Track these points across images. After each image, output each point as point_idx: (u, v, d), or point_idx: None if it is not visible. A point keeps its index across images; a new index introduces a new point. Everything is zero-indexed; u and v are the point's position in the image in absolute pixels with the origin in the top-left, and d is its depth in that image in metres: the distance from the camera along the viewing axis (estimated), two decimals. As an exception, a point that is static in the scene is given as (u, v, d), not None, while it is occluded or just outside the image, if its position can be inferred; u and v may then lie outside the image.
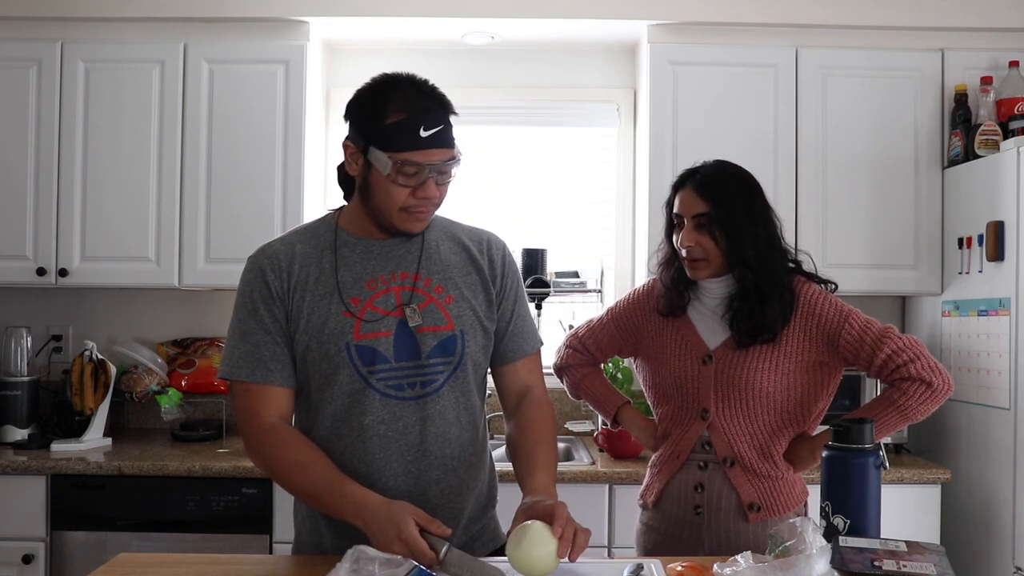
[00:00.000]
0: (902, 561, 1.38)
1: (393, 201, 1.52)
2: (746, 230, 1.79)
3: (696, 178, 1.83)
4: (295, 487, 1.56)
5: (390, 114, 1.49)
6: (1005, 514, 2.55)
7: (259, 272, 1.59)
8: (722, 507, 1.81)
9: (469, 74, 3.30)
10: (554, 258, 3.25)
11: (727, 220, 1.78)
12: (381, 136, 1.49)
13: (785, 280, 1.81)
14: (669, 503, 1.87)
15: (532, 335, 1.75)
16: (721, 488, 1.82)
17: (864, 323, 1.77)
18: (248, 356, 1.56)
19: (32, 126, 2.92)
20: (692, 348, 1.85)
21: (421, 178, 1.50)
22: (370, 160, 1.50)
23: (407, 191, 1.51)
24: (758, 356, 1.79)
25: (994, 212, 2.62)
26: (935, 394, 1.73)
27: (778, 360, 1.79)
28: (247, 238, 2.86)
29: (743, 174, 1.85)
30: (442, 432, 1.58)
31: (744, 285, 1.79)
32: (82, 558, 2.59)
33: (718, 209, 1.78)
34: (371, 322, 1.55)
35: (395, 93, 1.51)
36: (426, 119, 1.49)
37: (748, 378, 1.79)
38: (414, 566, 1.34)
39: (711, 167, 1.86)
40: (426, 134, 1.48)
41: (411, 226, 1.57)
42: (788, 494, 1.83)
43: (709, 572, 1.40)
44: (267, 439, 1.55)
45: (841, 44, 2.95)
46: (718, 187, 1.81)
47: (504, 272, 1.69)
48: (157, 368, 3.08)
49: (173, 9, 2.92)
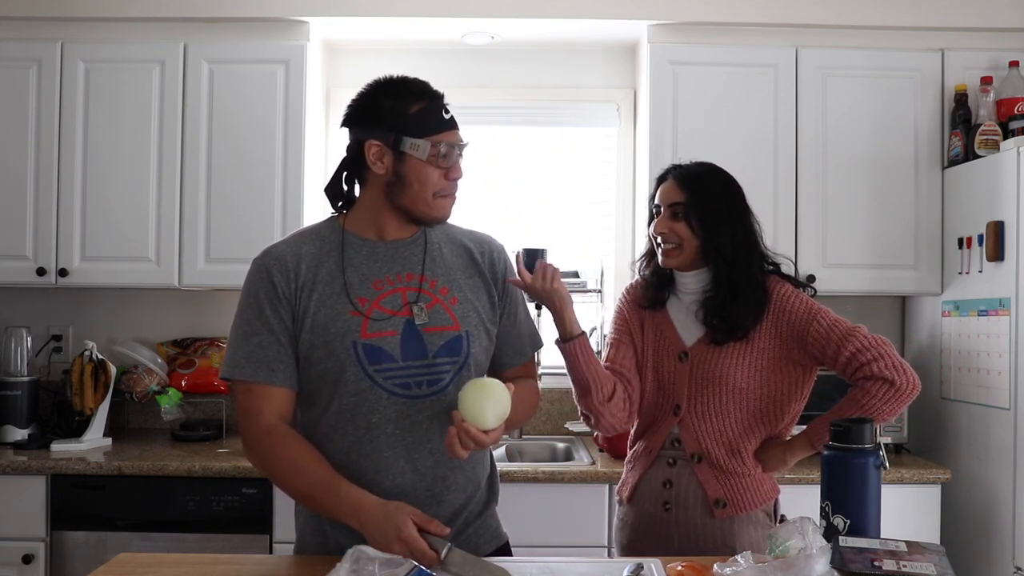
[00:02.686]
0: (902, 561, 1.38)
1: (428, 186, 1.57)
2: (722, 220, 1.82)
3: (678, 171, 1.89)
4: (292, 488, 1.56)
5: (413, 104, 1.56)
6: (1005, 514, 2.55)
7: (265, 273, 1.59)
8: (689, 503, 1.84)
9: (469, 74, 3.30)
10: (554, 258, 3.23)
11: (703, 208, 1.82)
12: (412, 124, 1.55)
13: (760, 279, 1.83)
14: (642, 499, 1.90)
15: (532, 338, 1.78)
16: (688, 484, 1.84)
17: (832, 321, 1.78)
18: (251, 356, 1.57)
19: (32, 126, 2.92)
20: (669, 344, 1.89)
21: (452, 158, 1.58)
22: (404, 150, 1.55)
23: (440, 173, 1.57)
24: (732, 353, 1.82)
25: (994, 212, 2.62)
26: (899, 393, 1.72)
27: (752, 357, 1.82)
28: (247, 238, 2.87)
29: (725, 174, 1.90)
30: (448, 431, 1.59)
31: (718, 277, 1.82)
32: (82, 558, 2.59)
33: (694, 197, 1.83)
34: (378, 321, 1.56)
35: (406, 86, 1.59)
36: (441, 103, 1.59)
37: (721, 375, 1.82)
38: (414, 566, 1.34)
39: (694, 163, 1.91)
40: (447, 117, 1.59)
41: (443, 211, 1.62)
42: (755, 491, 1.84)
43: (709, 572, 1.41)
44: (267, 439, 1.56)
45: (841, 44, 2.95)
46: (697, 179, 1.86)
47: (503, 275, 1.72)
48: (157, 368, 3.08)
49: (173, 9, 2.92)
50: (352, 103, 1.61)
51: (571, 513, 2.61)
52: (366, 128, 1.58)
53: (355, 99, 1.61)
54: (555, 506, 2.60)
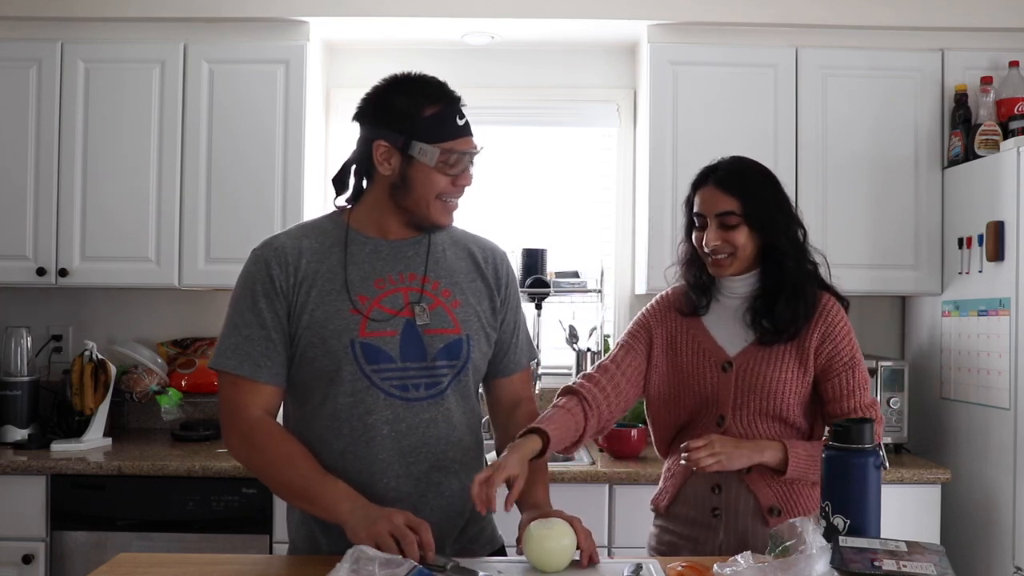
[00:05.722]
0: (902, 561, 1.38)
1: (433, 190, 1.55)
2: (778, 220, 1.77)
3: (717, 174, 1.78)
4: (276, 482, 1.56)
5: (426, 107, 1.53)
6: (1005, 514, 2.55)
7: (264, 265, 1.58)
8: (740, 509, 1.78)
9: (469, 74, 3.30)
10: (554, 258, 3.24)
11: (759, 214, 1.75)
12: (423, 128, 1.52)
13: (813, 275, 1.80)
14: (684, 506, 1.83)
15: (529, 348, 1.78)
16: (739, 491, 1.77)
17: (862, 380, 1.76)
18: (238, 348, 1.55)
19: (32, 126, 2.92)
20: (709, 355, 1.81)
21: (462, 166, 1.55)
22: (412, 154, 1.53)
23: (447, 180, 1.55)
24: (779, 357, 1.76)
25: (994, 212, 2.62)
26: None
27: (799, 361, 1.77)
28: (247, 238, 2.82)
29: (764, 168, 1.83)
30: (446, 435, 1.59)
31: (781, 276, 1.76)
32: (82, 558, 2.59)
33: (747, 203, 1.74)
34: (378, 321, 1.55)
35: (422, 87, 1.56)
36: (457, 109, 1.56)
37: (767, 381, 1.75)
38: (414, 566, 1.34)
39: (730, 162, 1.81)
40: (461, 123, 1.56)
41: (445, 218, 1.60)
42: (808, 497, 1.79)
43: (709, 572, 1.41)
44: (251, 433, 1.55)
45: (841, 44, 2.95)
46: (743, 181, 1.77)
47: (508, 283, 1.71)
48: (157, 368, 3.08)
49: (173, 9, 2.92)
50: (365, 98, 1.59)
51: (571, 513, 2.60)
52: (376, 126, 1.56)
53: (368, 94, 1.59)
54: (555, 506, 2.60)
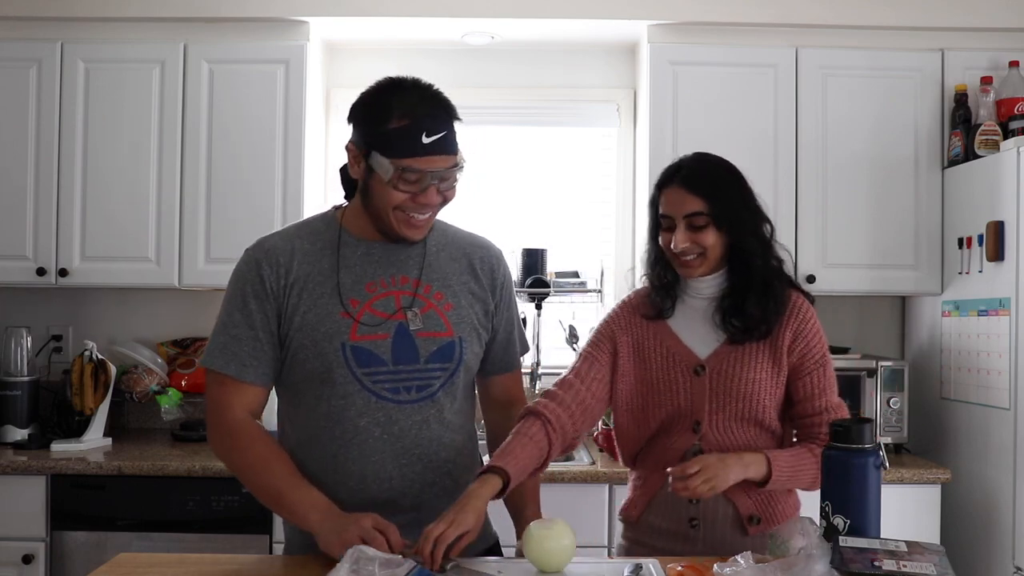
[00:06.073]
0: (902, 561, 1.38)
1: (389, 202, 1.51)
2: (746, 219, 1.72)
3: (682, 173, 1.72)
4: (255, 484, 1.56)
5: (393, 119, 1.48)
6: (1005, 514, 2.55)
7: (255, 266, 1.58)
8: (719, 519, 1.73)
9: (469, 74, 3.30)
10: (554, 258, 3.24)
11: (727, 214, 1.70)
12: (383, 141, 1.48)
13: (780, 271, 1.76)
14: (657, 517, 1.77)
15: (522, 346, 1.78)
16: (717, 500, 1.70)
17: (830, 380, 1.74)
18: (226, 348, 1.56)
19: (32, 126, 2.92)
20: (680, 359, 1.74)
21: (423, 185, 1.49)
22: (371, 165, 1.50)
23: (404, 196, 1.50)
24: (753, 357, 1.72)
25: (994, 212, 2.62)
26: None
27: (770, 365, 1.72)
28: (247, 238, 2.79)
29: (728, 164, 1.77)
30: (437, 436, 1.59)
31: (749, 274, 1.71)
32: (82, 558, 2.59)
33: (714, 204, 1.68)
34: (368, 325, 1.55)
35: (398, 97, 1.50)
36: (428, 125, 1.48)
37: (743, 382, 1.71)
38: (414, 566, 1.35)
39: (695, 161, 1.76)
40: (428, 140, 1.47)
41: (408, 232, 1.55)
42: (786, 503, 1.77)
43: (709, 572, 1.41)
44: (234, 432, 1.56)
45: (841, 44, 2.95)
46: (710, 181, 1.71)
47: (503, 283, 1.70)
48: (157, 368, 3.08)
49: (173, 9, 2.92)
50: (357, 98, 1.58)
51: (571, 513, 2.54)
52: (353, 128, 1.55)
53: (360, 94, 1.58)
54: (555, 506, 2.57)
